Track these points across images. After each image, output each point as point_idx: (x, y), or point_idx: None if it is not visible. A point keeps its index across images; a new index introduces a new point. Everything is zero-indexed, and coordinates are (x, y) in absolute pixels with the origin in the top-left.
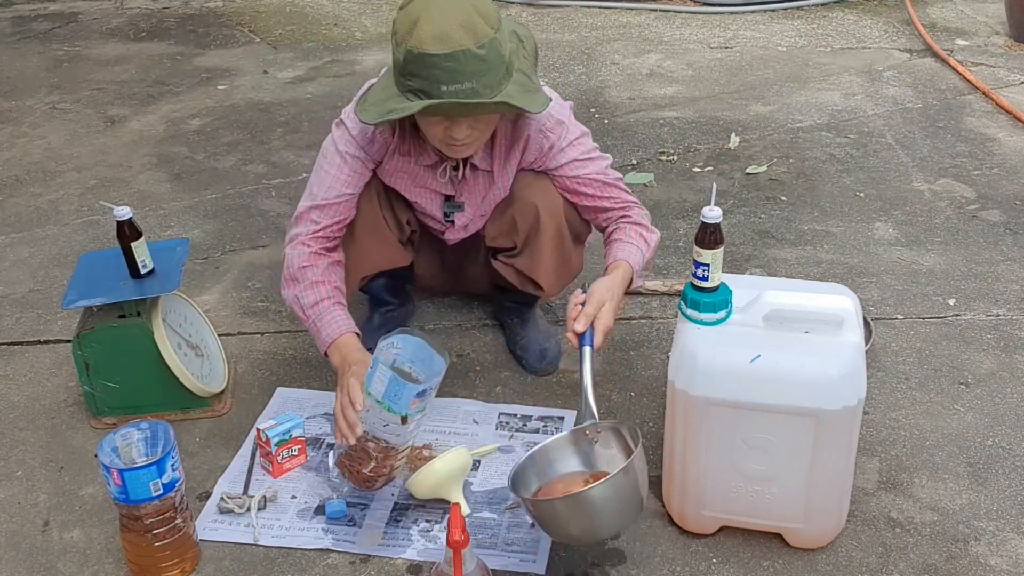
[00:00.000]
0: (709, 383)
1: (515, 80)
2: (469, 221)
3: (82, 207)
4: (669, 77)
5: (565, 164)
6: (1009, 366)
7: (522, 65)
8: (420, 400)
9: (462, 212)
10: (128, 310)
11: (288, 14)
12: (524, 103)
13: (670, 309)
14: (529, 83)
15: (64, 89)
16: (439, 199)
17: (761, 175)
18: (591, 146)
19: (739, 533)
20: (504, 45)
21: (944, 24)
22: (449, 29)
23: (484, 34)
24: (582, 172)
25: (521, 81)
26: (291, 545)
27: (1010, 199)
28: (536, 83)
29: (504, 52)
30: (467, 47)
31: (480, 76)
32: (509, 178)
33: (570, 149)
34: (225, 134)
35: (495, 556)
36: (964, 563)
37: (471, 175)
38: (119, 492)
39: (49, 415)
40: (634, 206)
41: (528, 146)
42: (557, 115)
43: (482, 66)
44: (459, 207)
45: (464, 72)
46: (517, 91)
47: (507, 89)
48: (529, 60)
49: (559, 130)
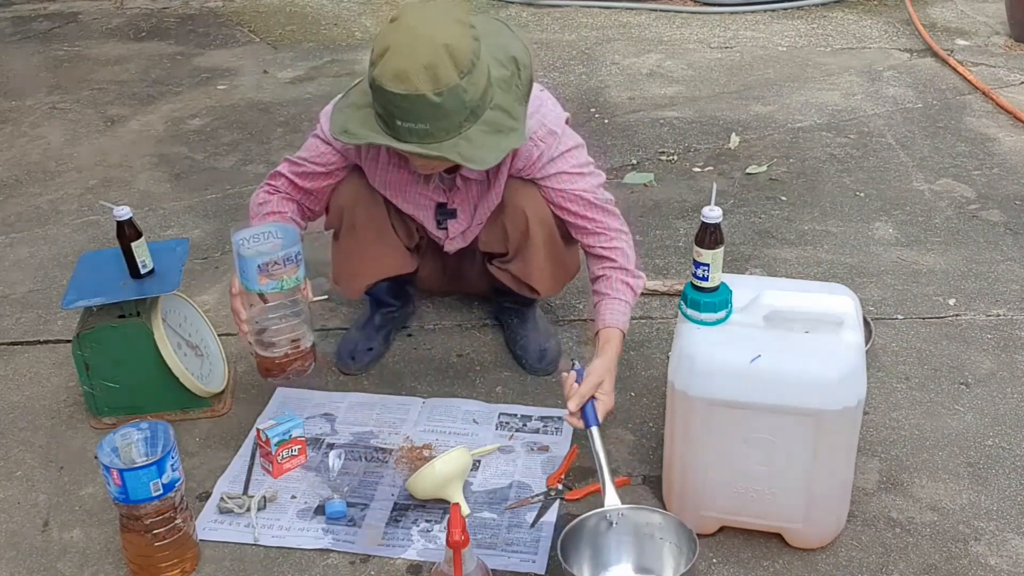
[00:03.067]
0: (709, 383)
1: (485, 119)
2: (465, 229)
3: (82, 207)
4: (669, 77)
5: (553, 175)
6: (1009, 366)
7: (504, 99)
8: (267, 277)
9: (455, 220)
10: (128, 310)
11: (288, 14)
12: (470, 154)
13: (670, 309)
14: (505, 120)
15: (64, 89)
16: (432, 206)
17: (761, 175)
18: (583, 160)
19: (739, 533)
20: (472, 89)
21: (944, 24)
22: (410, 69)
23: (446, 81)
24: (569, 187)
25: (493, 120)
26: (291, 545)
27: (1010, 199)
28: (518, 115)
29: (468, 97)
30: (423, 92)
31: (435, 120)
32: (501, 185)
33: (560, 161)
34: (225, 134)
35: (495, 556)
36: (964, 563)
37: (462, 184)
38: (119, 492)
39: (49, 415)
40: (619, 238)
41: (517, 153)
42: (550, 125)
43: (438, 112)
44: (452, 214)
45: (418, 114)
46: (480, 133)
47: (468, 131)
48: (522, 89)
49: (550, 140)
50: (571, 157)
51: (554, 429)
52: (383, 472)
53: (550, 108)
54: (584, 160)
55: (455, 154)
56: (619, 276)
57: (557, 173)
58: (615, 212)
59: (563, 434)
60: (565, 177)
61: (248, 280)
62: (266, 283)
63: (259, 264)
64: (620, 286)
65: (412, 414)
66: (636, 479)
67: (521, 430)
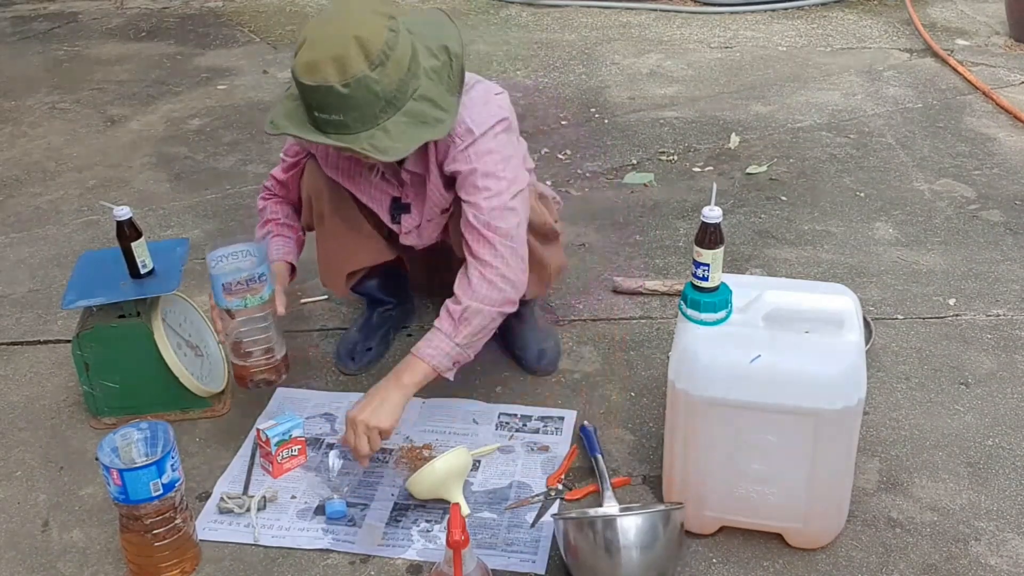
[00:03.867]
0: (709, 383)
1: (407, 111)
2: (417, 224)
3: (82, 207)
4: (669, 77)
5: (458, 173)
6: (1009, 366)
7: (433, 89)
8: (232, 295)
9: (409, 215)
10: (128, 310)
11: (288, 14)
12: (384, 146)
13: (670, 309)
14: (431, 110)
15: (64, 89)
16: (387, 200)
17: (761, 175)
18: (492, 171)
19: (739, 533)
20: (385, 81)
21: (944, 24)
22: (320, 61)
23: (354, 72)
24: (462, 195)
25: (416, 111)
26: (291, 545)
27: (1010, 199)
28: (447, 105)
29: (380, 88)
30: (331, 84)
31: (348, 111)
32: (436, 176)
33: (463, 163)
34: (225, 134)
35: (495, 556)
36: (964, 563)
37: (408, 177)
38: (119, 492)
39: (49, 415)
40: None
41: (439, 143)
42: (471, 124)
43: (348, 102)
44: (405, 209)
45: (331, 105)
46: (399, 124)
47: (386, 123)
48: (454, 79)
49: (466, 138)
50: (477, 161)
51: (554, 429)
52: (383, 472)
53: (479, 107)
54: (492, 171)
55: (366, 145)
56: (448, 304)
57: (459, 172)
58: (490, 237)
59: (563, 434)
60: (463, 185)
61: (216, 297)
62: (231, 300)
63: (223, 283)
64: (444, 315)
65: (412, 414)
66: (636, 479)
67: (521, 430)
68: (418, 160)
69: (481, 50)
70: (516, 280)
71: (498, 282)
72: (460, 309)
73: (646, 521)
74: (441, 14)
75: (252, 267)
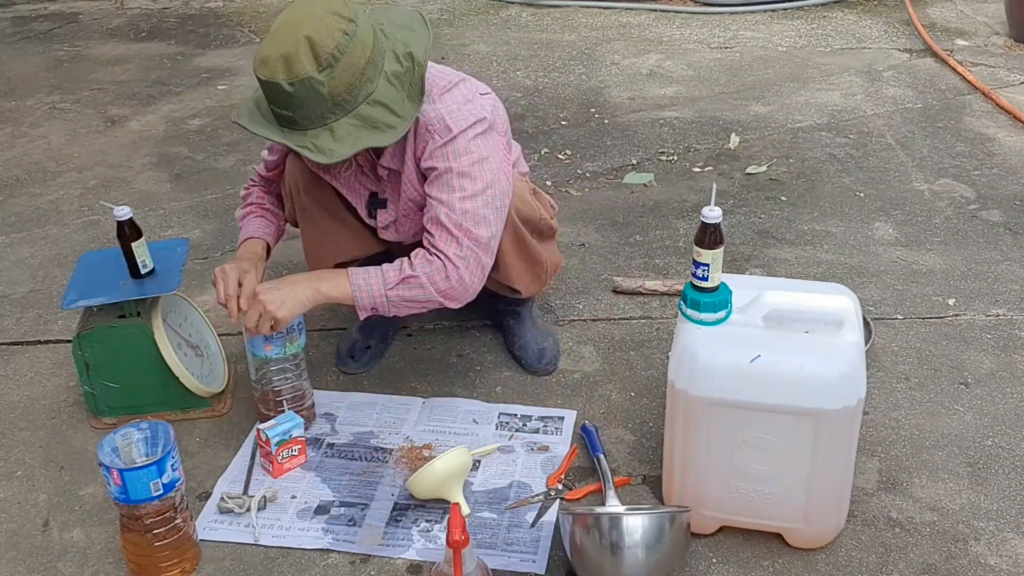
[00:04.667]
0: (709, 383)
1: (357, 114)
2: (393, 220)
3: (82, 207)
4: (669, 77)
5: (431, 170)
6: (1009, 366)
7: (390, 94)
8: (271, 344)
9: (384, 209)
10: (128, 310)
11: None
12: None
13: (670, 309)
14: (383, 115)
15: (64, 89)
16: (366, 194)
17: (761, 175)
18: (465, 170)
19: (739, 533)
20: (331, 83)
21: (944, 24)
22: (271, 57)
23: (298, 72)
24: (433, 190)
25: (366, 115)
26: (291, 545)
27: (1010, 199)
28: (403, 112)
29: (326, 91)
30: (278, 80)
31: (295, 109)
32: (411, 172)
33: (440, 158)
34: (225, 134)
35: (495, 556)
36: (964, 563)
37: (386, 174)
38: (119, 492)
39: (49, 415)
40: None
41: (417, 140)
42: (450, 121)
43: (294, 100)
44: (382, 204)
45: (280, 101)
46: (347, 126)
47: (334, 123)
48: (416, 86)
49: (445, 135)
50: (454, 160)
51: (554, 429)
52: (383, 472)
53: (460, 106)
54: (467, 172)
55: (309, 144)
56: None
57: (433, 169)
58: (460, 238)
59: (563, 434)
60: (434, 181)
61: (253, 346)
62: (271, 350)
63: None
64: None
65: (412, 414)
66: (636, 479)
67: (521, 430)
68: (395, 155)
69: (481, 50)
70: (471, 288)
71: (454, 281)
72: (411, 273)
73: (653, 521)
74: (418, 18)
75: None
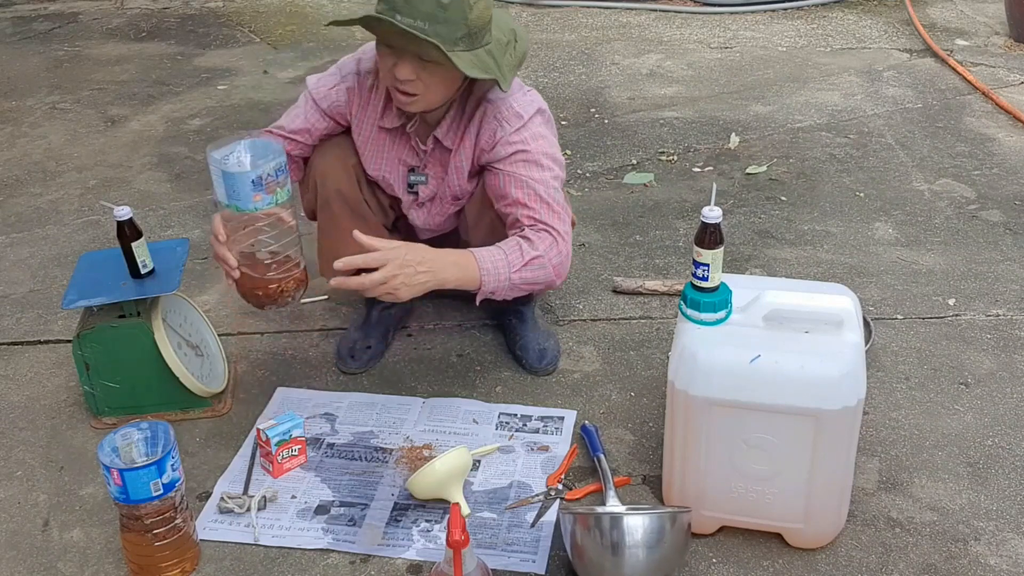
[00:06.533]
0: (709, 383)
1: (476, 54)
2: (432, 196)
3: (82, 207)
4: (669, 77)
5: (508, 157)
6: (1009, 366)
7: (501, 56)
8: (262, 192)
9: (425, 185)
10: (128, 310)
11: (288, 14)
12: (463, 65)
13: (670, 309)
14: (492, 66)
15: (64, 89)
16: (403, 170)
17: (761, 175)
18: (545, 151)
19: (739, 533)
20: (476, 13)
21: (944, 24)
22: None
23: None
24: (522, 172)
25: (482, 59)
26: (291, 545)
27: (1010, 199)
28: (504, 72)
29: (471, 17)
30: None
31: (435, 23)
32: (464, 159)
33: (518, 143)
34: (225, 134)
35: (495, 556)
36: (964, 563)
37: (434, 148)
38: (119, 492)
39: (49, 415)
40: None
41: (483, 128)
42: (519, 108)
43: (440, 13)
44: (423, 179)
45: (420, 11)
46: (467, 61)
47: (458, 53)
48: (515, 57)
49: (515, 122)
50: (532, 143)
51: (554, 429)
52: (383, 472)
53: (520, 95)
54: (546, 151)
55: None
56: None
57: (514, 154)
58: (561, 214)
59: (563, 434)
60: (520, 162)
61: (239, 199)
62: (260, 200)
63: (252, 179)
64: (513, 247)
65: (412, 414)
66: (636, 479)
67: (521, 430)
68: (451, 132)
69: None
70: (569, 265)
71: (564, 257)
72: (536, 254)
73: (654, 521)
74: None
75: (277, 154)
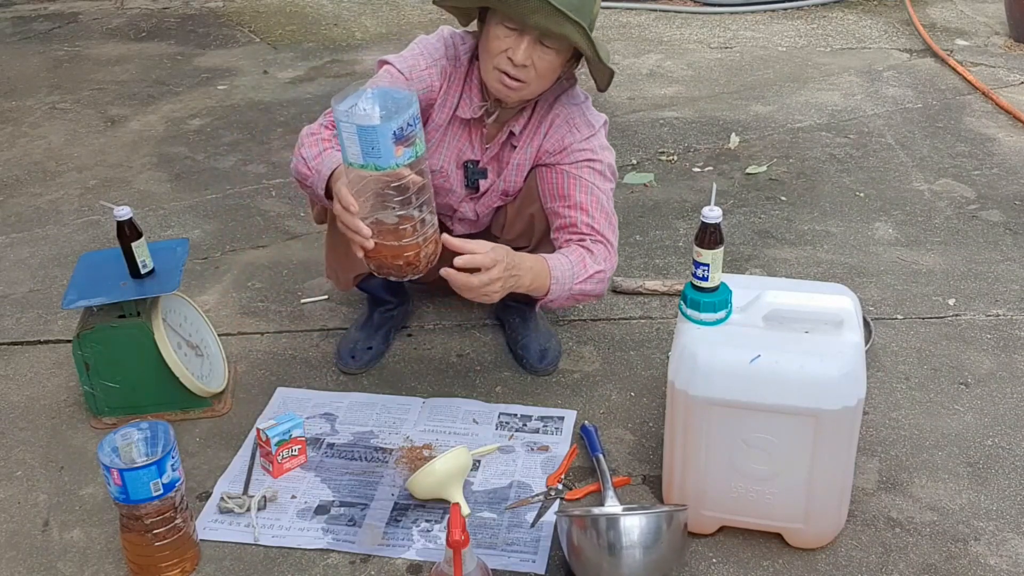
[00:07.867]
0: (709, 383)
1: (601, 45)
2: (489, 188)
3: (82, 207)
4: (669, 77)
5: (581, 163)
6: (1009, 366)
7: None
8: (403, 144)
9: (485, 179)
10: (128, 310)
11: (288, 14)
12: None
13: (670, 309)
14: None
15: (64, 89)
16: (459, 163)
17: (761, 175)
18: (611, 164)
19: (739, 533)
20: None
21: (944, 24)
22: None
23: None
24: (591, 179)
25: (605, 51)
26: (291, 545)
27: (1010, 199)
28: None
29: (595, 10)
30: None
31: (575, 8)
32: (527, 158)
33: (590, 152)
34: (225, 134)
35: (495, 556)
36: (964, 563)
37: (503, 144)
38: (119, 492)
39: (49, 415)
40: (603, 248)
41: (552, 131)
42: (591, 118)
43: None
44: (483, 173)
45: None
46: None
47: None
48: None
49: (586, 131)
50: (601, 153)
51: (554, 429)
52: (383, 472)
53: (591, 108)
54: (611, 164)
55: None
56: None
57: (587, 161)
58: (615, 228)
59: (563, 434)
60: (587, 168)
61: (380, 156)
62: (402, 153)
63: (394, 130)
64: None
65: (412, 414)
66: (636, 479)
67: (521, 430)
68: (526, 129)
69: None
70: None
71: (612, 269)
72: (600, 268)
73: (650, 521)
74: None
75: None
